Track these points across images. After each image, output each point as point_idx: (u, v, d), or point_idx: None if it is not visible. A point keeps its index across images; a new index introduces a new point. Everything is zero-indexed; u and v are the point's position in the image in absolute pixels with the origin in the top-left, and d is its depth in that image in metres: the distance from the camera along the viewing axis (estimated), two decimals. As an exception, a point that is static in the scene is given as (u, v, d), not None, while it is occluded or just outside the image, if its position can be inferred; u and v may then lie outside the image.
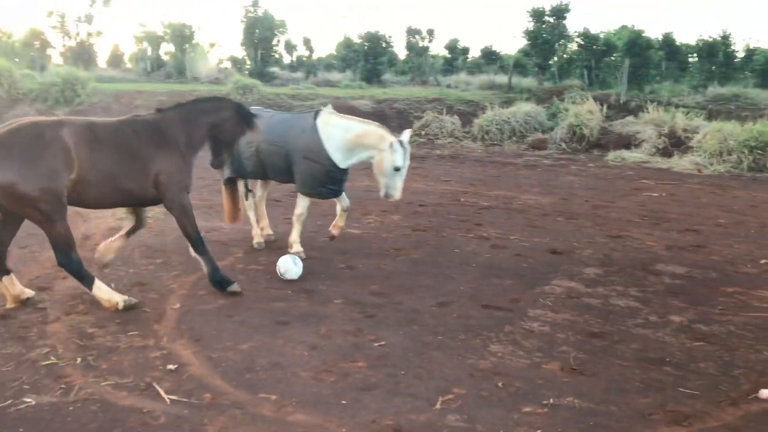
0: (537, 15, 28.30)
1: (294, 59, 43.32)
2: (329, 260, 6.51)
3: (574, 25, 33.88)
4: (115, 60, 41.85)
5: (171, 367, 3.88)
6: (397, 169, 5.98)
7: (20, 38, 35.48)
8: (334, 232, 6.80)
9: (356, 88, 29.33)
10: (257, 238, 6.99)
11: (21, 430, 3.17)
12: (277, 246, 6.91)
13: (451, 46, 40.94)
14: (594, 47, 25.59)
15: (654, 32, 25.72)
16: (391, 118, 22.81)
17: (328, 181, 6.25)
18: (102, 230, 7.42)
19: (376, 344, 4.32)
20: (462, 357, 4.15)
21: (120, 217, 7.50)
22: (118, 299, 4.84)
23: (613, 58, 25.48)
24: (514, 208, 9.79)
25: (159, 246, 6.92)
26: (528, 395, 3.64)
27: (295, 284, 5.63)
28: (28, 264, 6.00)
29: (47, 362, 3.90)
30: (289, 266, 5.74)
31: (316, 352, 4.18)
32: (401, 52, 38.16)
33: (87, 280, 4.78)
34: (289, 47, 40.12)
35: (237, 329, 4.54)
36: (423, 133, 20.96)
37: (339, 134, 6.15)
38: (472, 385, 3.74)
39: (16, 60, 25.99)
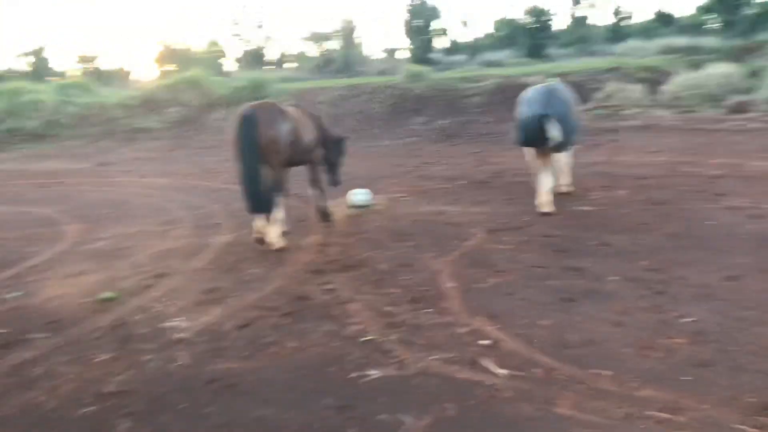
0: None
1: (450, 43, 43.17)
2: (577, 238, 6.35)
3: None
4: (281, 60, 44.32)
5: (485, 342, 3.96)
6: None
7: (202, 49, 38.61)
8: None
9: (523, 65, 28.66)
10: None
11: (382, 399, 3.37)
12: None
13: (615, 13, 38.60)
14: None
15: None
16: (567, 92, 22.02)
17: None
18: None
19: (685, 320, 4.12)
20: (789, 332, 3.83)
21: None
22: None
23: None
24: (750, 175, 8.98)
25: (403, 230, 7.15)
26: None
27: (558, 262, 5.56)
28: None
29: (366, 338, 4.14)
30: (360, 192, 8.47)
31: (623, 329, 4.07)
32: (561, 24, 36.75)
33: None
34: (442, 32, 39.91)
35: (526, 306, 4.55)
36: (607, 105, 19.99)
37: None
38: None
39: (203, 69, 28.21)
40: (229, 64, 38.80)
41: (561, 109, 7.38)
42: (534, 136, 7.34)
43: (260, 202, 6.52)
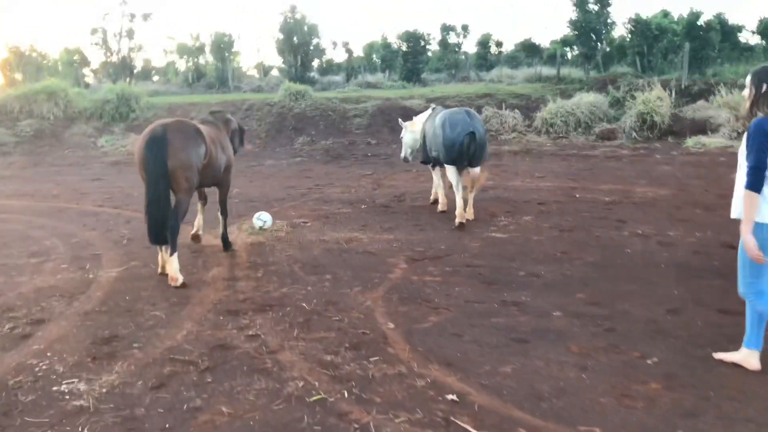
0: (581, 4, 27.68)
1: (323, 62, 42.92)
2: (502, 268, 6.14)
3: (615, 11, 32.96)
4: (145, 73, 41.84)
5: (450, 397, 3.52)
6: None
7: (58, 58, 35.57)
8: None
9: (399, 89, 28.96)
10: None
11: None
12: (446, 251, 6.56)
13: (484, 41, 40.29)
14: (647, 33, 24.91)
15: (703, 14, 24.72)
16: (446, 116, 22.44)
17: None
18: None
19: (650, 361, 3.93)
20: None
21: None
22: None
23: (668, 42, 24.76)
24: (641, 202, 9.34)
25: (316, 261, 6.60)
26: None
27: (494, 295, 5.28)
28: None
29: (316, 398, 3.56)
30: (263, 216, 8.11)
31: (591, 374, 3.80)
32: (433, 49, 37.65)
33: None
34: (319, 52, 39.66)
35: (480, 350, 4.18)
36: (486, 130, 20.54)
37: None
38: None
39: (61, 80, 25.85)
40: (89, 75, 36.00)
41: (482, 129, 8.21)
42: (464, 154, 7.98)
43: (165, 232, 5.78)
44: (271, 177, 14.06)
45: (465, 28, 36.93)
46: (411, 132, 9.87)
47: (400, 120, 10.73)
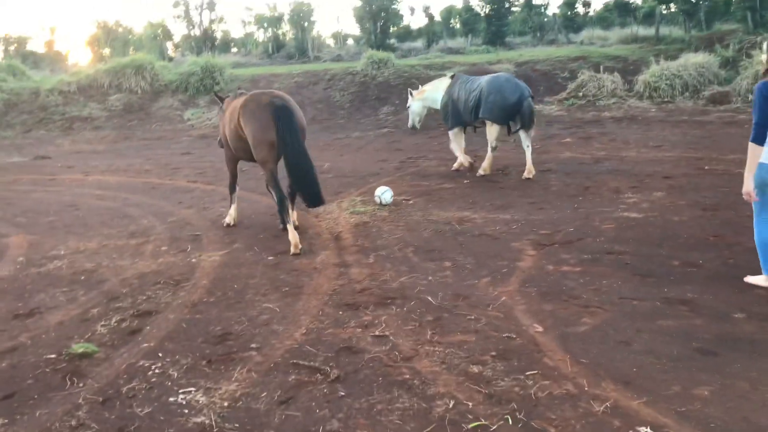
0: (682, -45, 25.56)
1: (400, 29, 41.88)
2: (650, 255, 5.33)
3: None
4: (225, 45, 42.06)
5: (645, 430, 2.84)
6: None
7: (142, 32, 36.16)
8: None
9: (484, 53, 27.75)
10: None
11: None
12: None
13: (571, 1, 38.19)
14: (759, -16, 22.67)
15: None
16: (537, 81, 21.22)
17: None
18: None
19: None
20: None
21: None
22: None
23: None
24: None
25: (429, 244, 6.00)
26: None
27: (652, 291, 4.51)
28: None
29: (474, 424, 2.96)
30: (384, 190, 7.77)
31: (815, 400, 3.02)
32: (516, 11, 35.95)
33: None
34: (397, 18, 38.64)
35: (659, 364, 3.45)
36: (581, 94, 19.28)
37: None
38: None
39: (146, 53, 26.13)
40: (170, 49, 36.45)
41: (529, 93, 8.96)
42: (519, 114, 8.87)
43: (319, 192, 6.11)
44: (360, 150, 13.53)
45: (551, -12, 35.04)
46: (420, 100, 10.51)
47: (409, 90, 11.26)
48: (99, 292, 5.12)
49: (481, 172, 9.40)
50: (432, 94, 10.22)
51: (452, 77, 10.01)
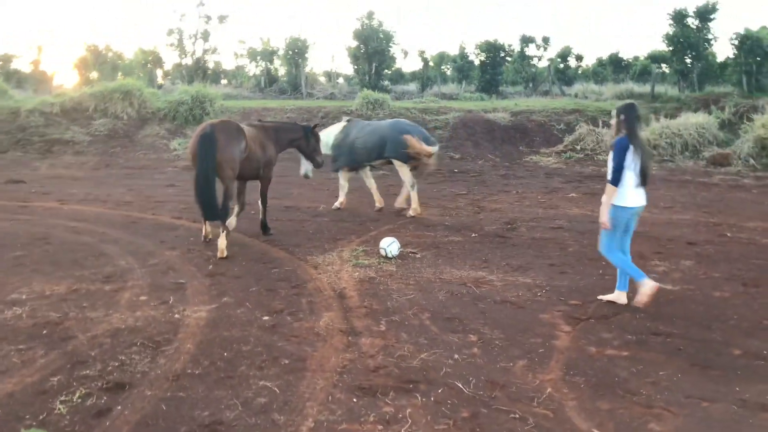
0: (679, 18, 25.72)
1: (392, 71, 41.79)
2: (703, 340, 4.66)
3: (715, 26, 30.73)
4: (215, 76, 41.58)
5: None
6: None
7: (132, 58, 35.58)
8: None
9: (477, 100, 27.54)
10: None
11: None
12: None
13: (564, 54, 38.47)
14: (756, 49, 22.78)
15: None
16: (533, 131, 20.95)
17: None
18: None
19: None
20: None
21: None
22: None
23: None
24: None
25: (446, 310, 5.28)
26: None
27: (720, 388, 3.83)
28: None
29: None
30: (391, 242, 7.20)
31: None
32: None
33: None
34: (391, 60, 38.59)
35: None
36: (578, 147, 18.94)
37: None
38: None
39: (137, 79, 25.49)
40: (160, 76, 35.83)
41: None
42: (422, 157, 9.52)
43: (215, 211, 7.06)
44: (356, 192, 12.85)
45: (546, 40, 35.22)
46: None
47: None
48: (62, 353, 4.30)
49: (411, 213, 9.83)
50: (323, 138, 10.16)
51: (348, 121, 10.71)
